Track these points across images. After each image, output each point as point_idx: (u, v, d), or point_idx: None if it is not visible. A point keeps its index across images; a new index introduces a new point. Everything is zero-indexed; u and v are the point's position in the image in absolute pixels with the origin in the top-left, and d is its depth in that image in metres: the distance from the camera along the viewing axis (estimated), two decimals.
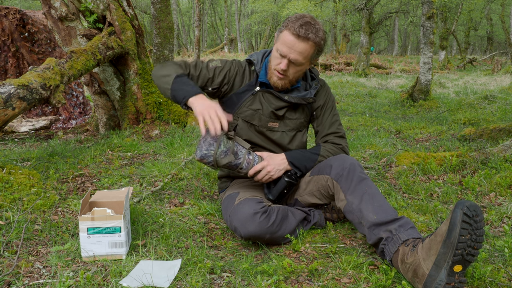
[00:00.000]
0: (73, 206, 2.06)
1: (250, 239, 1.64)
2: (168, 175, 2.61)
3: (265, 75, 1.87)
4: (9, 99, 2.41)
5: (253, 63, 1.90)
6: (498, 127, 3.47)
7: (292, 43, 1.68)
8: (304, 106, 1.91)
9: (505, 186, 2.26)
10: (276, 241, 1.69)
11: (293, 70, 1.76)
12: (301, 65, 1.75)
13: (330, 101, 1.96)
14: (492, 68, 13.48)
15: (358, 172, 1.64)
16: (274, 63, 1.76)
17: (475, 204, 1.26)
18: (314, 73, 1.95)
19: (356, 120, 5.07)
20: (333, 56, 19.99)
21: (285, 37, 1.70)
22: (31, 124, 4.43)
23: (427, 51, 6.34)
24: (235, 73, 1.89)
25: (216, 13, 36.97)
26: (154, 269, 1.44)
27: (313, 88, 1.89)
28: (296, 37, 1.67)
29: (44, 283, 1.36)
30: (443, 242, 1.26)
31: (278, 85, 1.81)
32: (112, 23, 3.84)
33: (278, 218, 1.66)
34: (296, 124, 1.92)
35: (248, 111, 1.86)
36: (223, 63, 1.91)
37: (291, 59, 1.71)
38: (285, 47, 1.70)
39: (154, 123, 4.10)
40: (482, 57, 21.19)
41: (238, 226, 1.63)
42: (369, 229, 1.50)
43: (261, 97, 1.86)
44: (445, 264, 1.26)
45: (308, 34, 1.67)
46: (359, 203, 1.56)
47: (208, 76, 1.85)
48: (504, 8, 21.85)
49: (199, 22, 11.12)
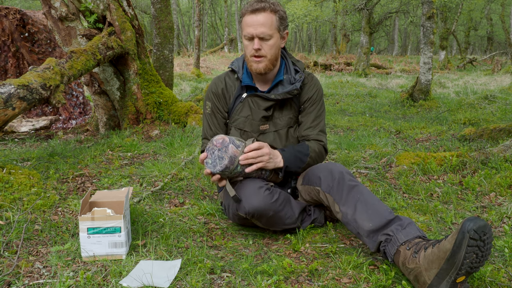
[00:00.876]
0: (73, 206, 2.06)
1: (254, 215, 1.64)
2: (168, 175, 2.61)
3: (248, 77, 1.88)
4: (9, 99, 2.41)
5: (235, 71, 1.91)
6: (498, 127, 3.47)
7: (252, 20, 1.72)
8: (291, 101, 1.89)
9: (505, 186, 2.26)
10: (278, 222, 1.70)
11: (267, 47, 1.75)
12: (271, 38, 1.75)
13: (319, 95, 1.94)
14: (492, 68, 13.48)
15: (347, 181, 1.62)
16: (248, 50, 1.78)
17: (484, 224, 1.20)
18: (298, 66, 1.92)
19: (356, 120, 5.08)
20: (333, 56, 20.00)
21: (245, 20, 1.74)
22: (31, 124, 4.43)
23: (427, 51, 6.34)
24: (220, 94, 1.92)
25: (216, 13, 36.97)
26: (154, 269, 1.44)
27: (298, 81, 1.86)
28: (252, 13, 1.72)
29: (44, 283, 1.36)
30: (446, 260, 1.22)
31: (261, 69, 1.79)
32: (112, 23, 3.84)
33: (281, 197, 1.68)
34: (286, 121, 1.90)
35: (240, 118, 1.88)
36: (209, 97, 1.95)
37: (259, 35, 1.72)
38: (248, 28, 1.73)
39: (154, 123, 4.10)
40: (482, 57, 21.19)
41: (242, 201, 1.63)
42: (368, 238, 1.49)
43: (250, 102, 1.86)
44: (447, 277, 1.24)
45: (262, 5, 1.71)
46: (353, 213, 1.54)
47: (218, 118, 1.94)
48: (504, 8, 21.86)
49: (199, 22, 11.12)
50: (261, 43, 1.73)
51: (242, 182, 1.70)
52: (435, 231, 1.80)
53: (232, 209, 1.75)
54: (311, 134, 1.89)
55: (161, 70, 4.87)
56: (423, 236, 1.41)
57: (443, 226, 1.89)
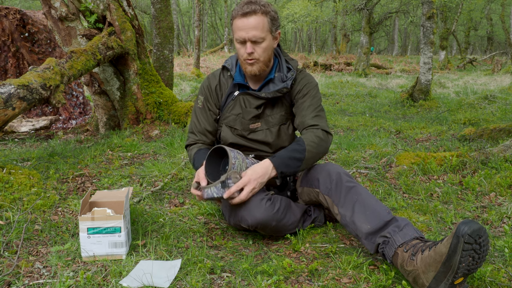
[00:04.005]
0: (73, 206, 2.06)
1: (257, 227, 1.63)
2: (168, 175, 2.61)
3: (240, 76, 1.88)
4: (9, 99, 2.41)
5: (228, 69, 1.91)
6: (498, 127, 3.47)
7: (243, 23, 1.69)
8: (282, 99, 1.88)
9: (505, 186, 2.26)
10: (282, 230, 1.69)
11: (260, 50, 1.74)
12: (263, 41, 1.73)
13: (310, 87, 1.87)
14: (492, 68, 13.48)
15: (345, 182, 1.62)
16: (240, 54, 1.76)
17: (478, 228, 1.18)
18: (291, 64, 1.90)
19: (356, 120, 5.07)
20: (333, 56, 20.00)
21: (236, 24, 1.72)
22: (31, 124, 4.43)
23: (427, 51, 6.34)
24: (213, 89, 1.92)
25: (216, 13, 36.97)
26: (154, 269, 1.44)
27: (289, 79, 1.84)
28: (244, 16, 1.69)
29: (44, 283, 1.36)
30: (442, 263, 1.22)
31: (255, 71, 1.78)
32: (112, 23, 3.84)
33: (282, 205, 1.67)
34: (278, 119, 1.88)
35: (230, 116, 1.88)
36: (202, 91, 1.95)
37: (250, 39, 1.70)
38: (239, 31, 1.71)
39: (154, 123, 4.10)
40: (482, 57, 21.19)
41: (245, 214, 1.62)
42: (366, 240, 1.49)
43: (241, 100, 1.86)
44: (445, 279, 1.23)
45: (253, 7, 1.68)
46: (351, 215, 1.54)
47: (208, 114, 1.92)
48: (504, 8, 21.85)
49: (199, 22, 11.12)
50: (253, 46, 1.72)
51: None
52: (435, 231, 1.80)
53: (233, 220, 1.73)
54: (306, 121, 1.80)
55: (161, 70, 4.87)
56: (421, 236, 1.41)
57: (443, 226, 1.89)
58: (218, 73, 1.95)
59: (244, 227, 1.70)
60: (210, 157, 1.68)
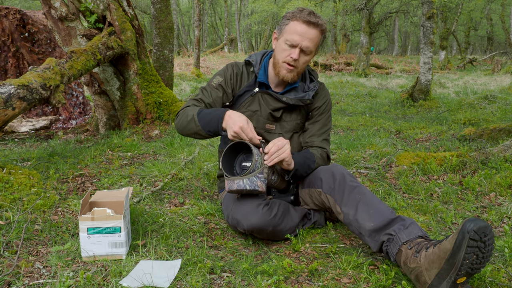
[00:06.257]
0: (73, 206, 2.06)
1: (253, 232, 1.64)
2: (168, 175, 2.61)
3: (264, 75, 1.88)
4: (9, 99, 2.41)
5: (252, 64, 1.91)
6: (498, 127, 3.47)
7: (304, 30, 1.70)
8: (301, 107, 1.91)
9: (505, 186, 2.26)
10: (279, 235, 1.69)
11: (302, 60, 1.77)
12: (310, 54, 1.77)
13: (328, 105, 1.97)
14: (492, 68, 13.48)
15: (349, 181, 1.63)
16: (283, 55, 1.76)
17: (484, 226, 1.19)
18: (313, 75, 1.96)
19: (356, 120, 5.07)
20: (333, 56, 19.99)
21: (294, 27, 1.71)
22: (31, 124, 4.43)
23: (427, 51, 6.34)
24: (234, 76, 1.92)
25: (216, 13, 36.96)
26: (154, 269, 1.44)
27: (312, 90, 1.89)
28: (307, 24, 1.70)
29: (44, 283, 1.36)
30: (446, 260, 1.22)
31: (288, 78, 1.81)
32: (112, 23, 3.84)
33: (279, 211, 1.67)
34: (293, 126, 1.92)
35: (247, 112, 1.88)
36: (223, 74, 1.93)
37: (303, 47, 1.72)
38: (296, 35, 1.71)
39: (154, 123, 4.10)
40: (482, 57, 21.18)
41: (241, 218, 1.63)
42: (370, 237, 1.49)
43: (260, 98, 1.88)
44: (448, 277, 1.24)
45: (318, 21, 1.71)
46: (354, 214, 1.55)
47: (219, 95, 1.89)
48: (504, 8, 21.85)
49: (199, 22, 11.12)
50: (300, 55, 1.75)
51: (239, 200, 1.69)
52: (435, 231, 1.80)
53: (231, 222, 1.74)
54: (315, 141, 1.90)
55: (161, 70, 4.87)
56: (425, 236, 1.41)
57: (443, 226, 1.89)
58: (241, 64, 1.96)
59: (240, 231, 1.70)
60: (226, 151, 1.66)
